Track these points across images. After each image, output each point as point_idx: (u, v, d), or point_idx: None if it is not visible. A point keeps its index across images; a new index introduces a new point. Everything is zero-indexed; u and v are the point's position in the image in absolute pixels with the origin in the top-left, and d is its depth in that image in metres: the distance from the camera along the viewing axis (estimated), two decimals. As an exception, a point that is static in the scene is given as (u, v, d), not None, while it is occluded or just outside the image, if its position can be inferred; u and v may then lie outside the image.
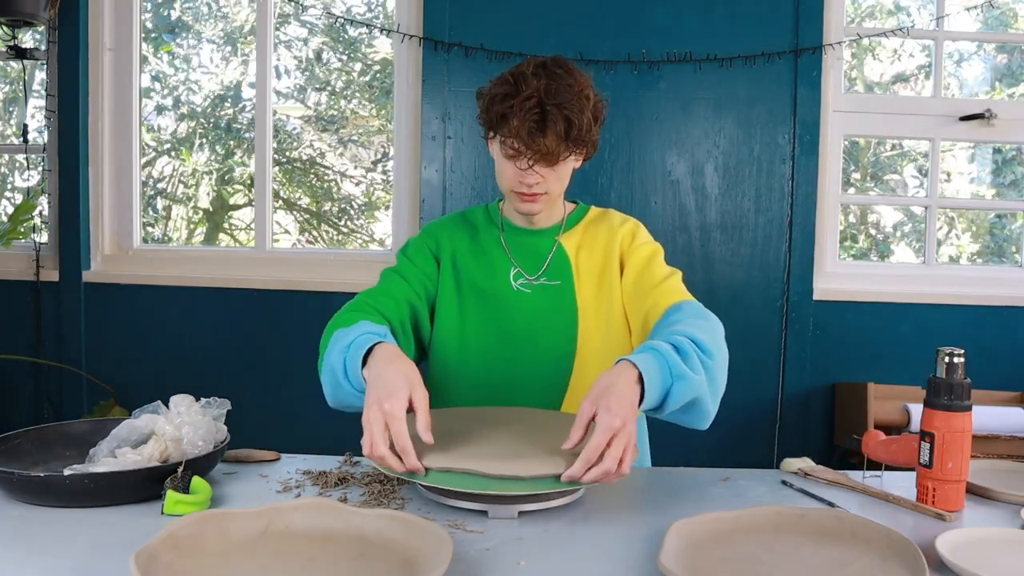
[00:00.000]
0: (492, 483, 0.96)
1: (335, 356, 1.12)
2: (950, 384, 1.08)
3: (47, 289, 2.60)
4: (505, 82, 1.25)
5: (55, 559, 0.85)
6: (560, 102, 1.21)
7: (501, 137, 1.25)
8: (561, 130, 1.21)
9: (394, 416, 0.98)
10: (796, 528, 0.95)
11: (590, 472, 0.96)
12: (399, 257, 1.41)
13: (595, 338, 1.35)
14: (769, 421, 2.56)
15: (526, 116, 1.20)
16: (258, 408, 2.56)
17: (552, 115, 1.20)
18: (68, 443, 1.19)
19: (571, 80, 1.24)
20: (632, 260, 1.36)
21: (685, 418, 1.12)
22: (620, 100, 2.47)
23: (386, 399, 0.99)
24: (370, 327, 1.15)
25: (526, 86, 1.21)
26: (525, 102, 1.20)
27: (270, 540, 0.89)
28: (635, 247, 1.37)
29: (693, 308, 1.22)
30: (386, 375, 1.02)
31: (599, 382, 1.01)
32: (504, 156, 1.27)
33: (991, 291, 2.58)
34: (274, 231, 2.85)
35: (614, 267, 1.37)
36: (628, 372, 1.02)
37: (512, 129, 1.21)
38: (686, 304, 1.24)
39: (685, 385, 1.04)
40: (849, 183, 3.49)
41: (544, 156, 1.23)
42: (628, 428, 0.97)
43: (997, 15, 3.16)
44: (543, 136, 1.21)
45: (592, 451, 0.95)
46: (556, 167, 1.28)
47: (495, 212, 1.44)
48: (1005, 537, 0.95)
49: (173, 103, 3.33)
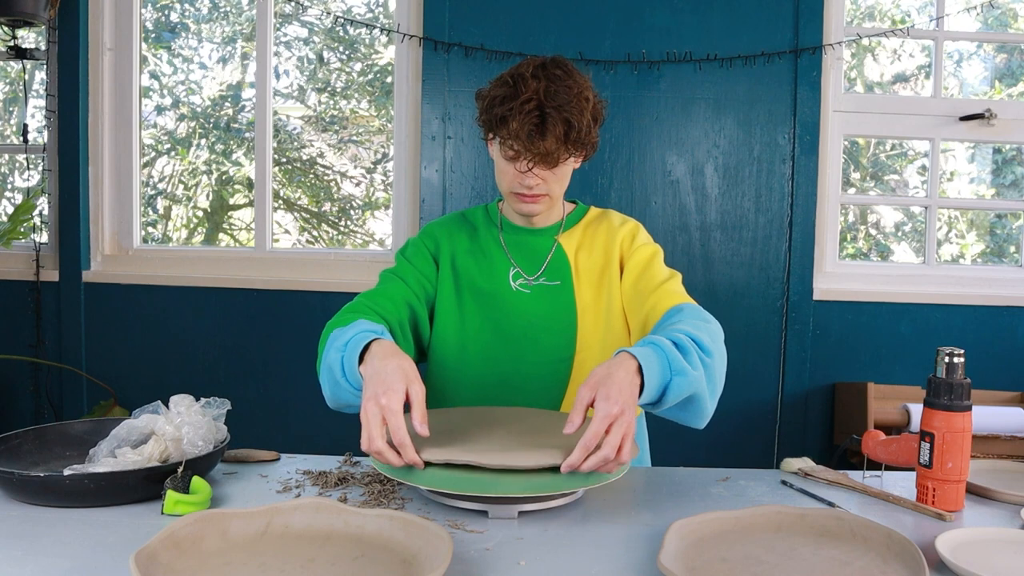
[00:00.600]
0: (490, 483, 0.96)
1: (332, 355, 1.12)
2: (950, 384, 1.08)
3: (47, 289, 2.60)
4: (504, 84, 1.24)
5: (55, 559, 0.85)
6: (559, 104, 1.20)
7: (500, 139, 1.25)
8: (561, 133, 1.21)
9: (391, 410, 0.97)
10: (796, 528, 0.95)
11: (589, 460, 0.95)
12: (398, 258, 1.41)
13: (594, 339, 1.35)
14: (769, 421, 2.56)
15: (525, 119, 1.20)
16: (258, 408, 2.56)
17: (551, 118, 1.20)
18: (68, 443, 1.19)
19: (570, 82, 1.23)
20: (632, 262, 1.36)
21: (683, 415, 1.12)
22: (620, 100, 2.48)
23: (383, 394, 0.98)
24: (367, 325, 1.14)
25: (525, 88, 1.21)
26: (524, 105, 1.20)
27: (270, 540, 0.89)
28: (635, 248, 1.37)
29: (694, 310, 1.22)
30: (383, 371, 1.02)
31: (597, 371, 1.01)
32: (504, 158, 1.27)
33: (991, 291, 2.58)
34: (274, 231, 2.85)
35: (614, 268, 1.37)
36: (628, 363, 1.01)
37: (512, 131, 1.21)
38: (687, 307, 1.23)
39: (684, 380, 1.04)
40: (849, 183, 3.49)
41: (544, 158, 1.23)
42: (627, 416, 0.96)
43: (997, 15, 3.16)
44: (542, 139, 1.21)
45: (590, 438, 0.95)
46: (556, 169, 1.28)
47: (494, 212, 1.44)
48: (1005, 537, 0.95)
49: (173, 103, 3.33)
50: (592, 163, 2.47)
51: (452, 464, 0.98)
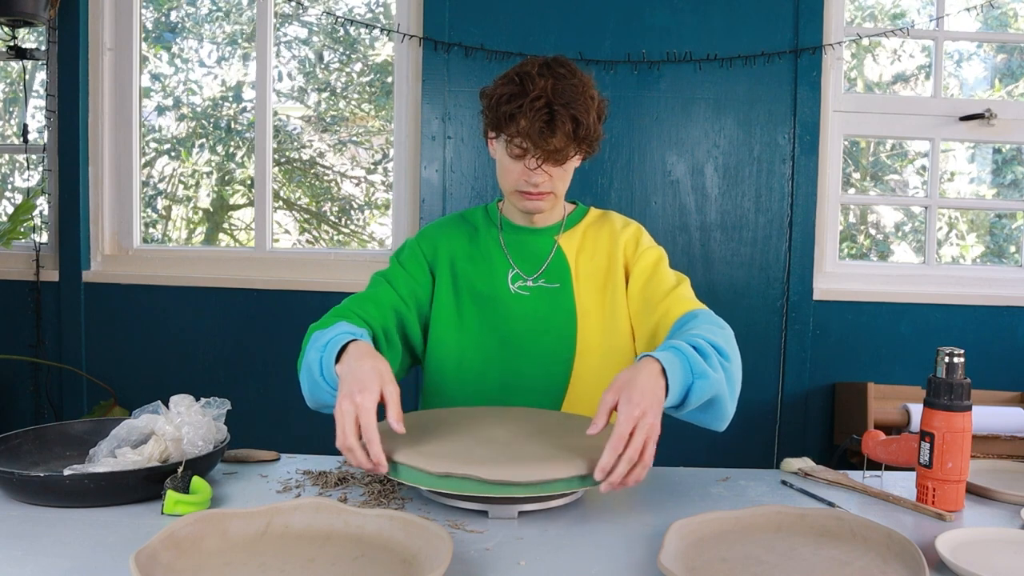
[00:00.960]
0: (491, 484, 0.96)
1: (312, 355, 1.13)
2: (950, 384, 1.08)
3: (47, 289, 2.60)
4: (511, 82, 1.25)
5: (55, 559, 0.85)
6: (567, 101, 1.21)
7: (508, 137, 1.25)
8: (570, 130, 1.22)
9: (364, 408, 0.99)
10: (796, 528, 0.95)
11: (619, 466, 0.95)
12: (392, 261, 1.40)
13: (595, 342, 1.34)
14: (769, 421, 2.56)
15: (535, 116, 1.20)
16: (258, 408, 2.56)
17: (560, 115, 1.21)
18: (68, 443, 1.19)
19: (575, 80, 1.25)
20: (638, 267, 1.36)
21: (704, 418, 1.13)
22: (620, 100, 2.48)
23: (358, 392, 1.00)
24: (347, 327, 1.16)
25: (533, 86, 1.22)
26: (534, 102, 1.21)
27: (270, 540, 0.89)
28: (640, 253, 1.37)
29: (708, 316, 1.23)
30: (358, 370, 1.03)
31: (621, 376, 1.01)
32: (510, 156, 1.27)
33: (991, 291, 2.58)
34: (274, 231, 2.85)
35: (618, 272, 1.37)
36: (651, 366, 1.02)
37: (521, 129, 1.22)
38: (701, 312, 1.24)
39: (706, 383, 1.05)
40: (849, 183, 3.49)
41: (552, 155, 1.24)
42: (648, 418, 0.97)
43: (997, 15, 3.16)
44: (551, 136, 1.22)
45: (617, 441, 0.95)
46: (563, 166, 1.29)
47: (494, 212, 1.44)
48: (1005, 537, 0.95)
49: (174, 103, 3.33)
50: (592, 163, 2.47)
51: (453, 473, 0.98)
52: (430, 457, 0.99)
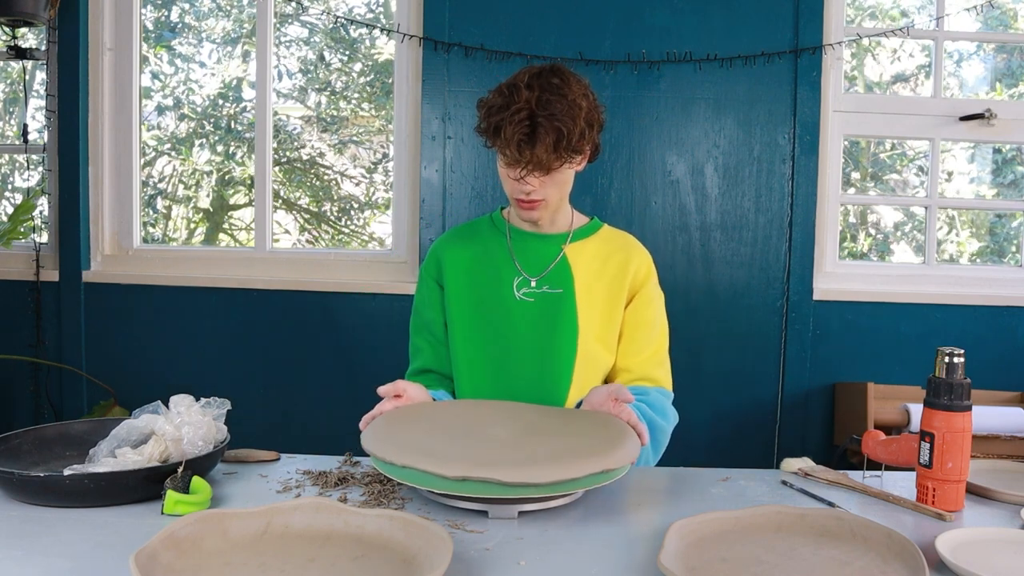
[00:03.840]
0: (490, 484, 0.96)
1: None
2: (950, 384, 1.08)
3: (47, 289, 2.60)
4: (501, 93, 1.28)
5: (55, 559, 0.85)
6: (552, 113, 1.23)
7: (497, 147, 1.29)
8: (551, 142, 1.24)
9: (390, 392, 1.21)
10: (796, 528, 0.95)
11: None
12: (415, 299, 1.50)
13: (594, 349, 1.38)
14: (769, 421, 2.56)
15: (516, 128, 1.23)
16: (258, 408, 2.56)
17: (543, 127, 1.23)
18: (68, 443, 1.19)
19: (565, 90, 1.26)
20: (639, 300, 1.41)
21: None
22: (620, 100, 2.47)
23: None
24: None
25: (518, 98, 1.24)
26: (515, 114, 1.23)
27: (270, 540, 0.89)
28: (647, 289, 1.42)
29: (659, 398, 1.37)
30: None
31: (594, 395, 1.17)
32: (503, 165, 1.32)
33: (991, 291, 2.58)
34: (274, 231, 2.85)
35: (622, 290, 1.40)
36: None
37: (504, 140, 1.25)
38: (653, 393, 1.37)
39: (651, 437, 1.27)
40: (849, 183, 3.49)
41: (536, 166, 1.27)
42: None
43: (997, 15, 3.16)
44: (532, 147, 1.24)
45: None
46: (552, 175, 1.30)
47: (499, 220, 1.47)
48: (1005, 537, 0.95)
49: (174, 103, 3.33)
50: (592, 163, 2.46)
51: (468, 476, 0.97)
52: (442, 460, 0.98)
